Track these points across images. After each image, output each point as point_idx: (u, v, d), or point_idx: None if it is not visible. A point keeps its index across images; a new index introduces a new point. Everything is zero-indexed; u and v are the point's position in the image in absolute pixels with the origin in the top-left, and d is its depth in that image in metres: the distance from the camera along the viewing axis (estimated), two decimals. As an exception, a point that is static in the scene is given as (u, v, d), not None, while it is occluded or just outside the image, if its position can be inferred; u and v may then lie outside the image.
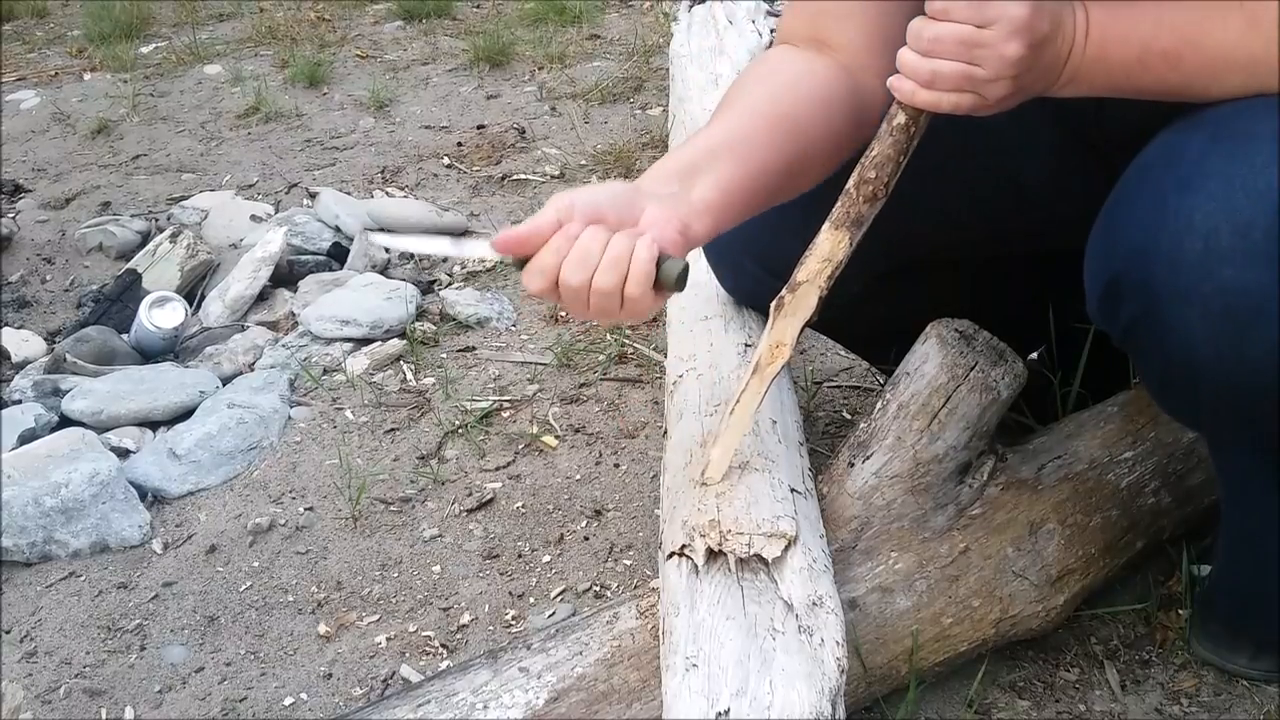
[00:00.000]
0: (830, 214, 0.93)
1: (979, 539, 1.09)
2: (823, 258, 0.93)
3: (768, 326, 0.96)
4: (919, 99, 0.87)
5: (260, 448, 1.65)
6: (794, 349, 0.97)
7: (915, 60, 0.86)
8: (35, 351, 2.03)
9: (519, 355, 1.87)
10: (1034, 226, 1.18)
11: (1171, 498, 1.19)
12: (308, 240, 2.27)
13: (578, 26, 3.68)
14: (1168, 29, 0.84)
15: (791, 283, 0.94)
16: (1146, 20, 0.85)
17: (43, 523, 1.44)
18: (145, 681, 1.26)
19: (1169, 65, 0.85)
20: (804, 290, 0.94)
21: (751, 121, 0.98)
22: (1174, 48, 0.84)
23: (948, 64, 0.85)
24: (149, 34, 4.02)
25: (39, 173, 2.81)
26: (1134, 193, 0.87)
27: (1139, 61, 0.85)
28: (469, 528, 1.47)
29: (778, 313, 0.95)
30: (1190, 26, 0.84)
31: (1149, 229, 0.83)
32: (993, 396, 1.06)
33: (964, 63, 0.84)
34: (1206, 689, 1.13)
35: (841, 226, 0.92)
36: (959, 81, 0.85)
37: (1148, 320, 0.84)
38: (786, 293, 0.95)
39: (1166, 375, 0.88)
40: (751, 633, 0.86)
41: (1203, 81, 0.85)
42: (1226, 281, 0.77)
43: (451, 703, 0.96)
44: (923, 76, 0.86)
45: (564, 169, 2.60)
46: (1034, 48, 0.84)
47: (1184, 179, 0.81)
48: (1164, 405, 0.94)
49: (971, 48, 0.83)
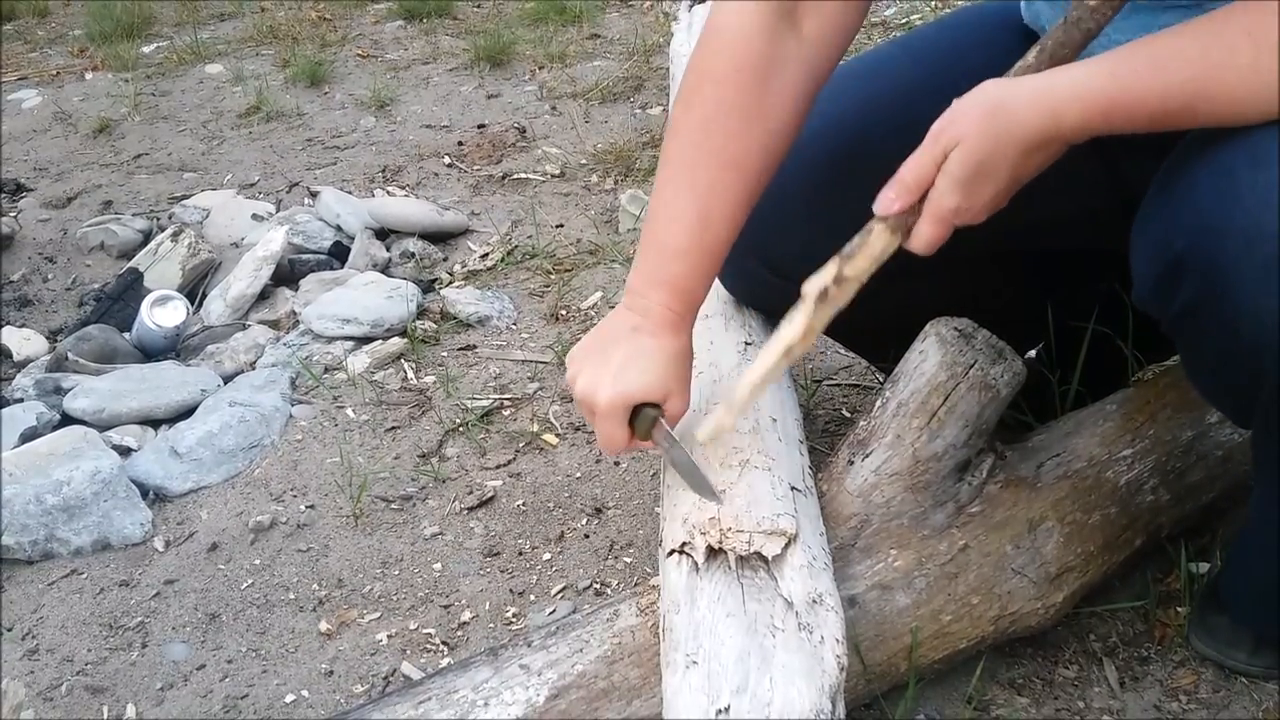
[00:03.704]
0: (888, 217, 0.92)
1: (978, 536, 1.09)
2: (873, 257, 0.92)
3: (804, 311, 0.94)
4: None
5: (261, 446, 1.65)
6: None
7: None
8: (37, 350, 2.03)
9: (520, 354, 1.87)
10: (1035, 226, 1.18)
11: (1170, 495, 1.19)
12: (309, 239, 2.28)
13: (578, 26, 3.68)
14: (1176, 90, 0.81)
15: (838, 274, 0.92)
16: (1154, 86, 0.81)
17: (44, 521, 1.45)
18: (147, 679, 1.26)
19: (1186, 118, 0.82)
20: (848, 285, 0.93)
21: (733, 197, 1.01)
22: (1187, 104, 0.81)
23: (930, 230, 0.90)
24: (150, 33, 4.02)
25: (41, 172, 2.82)
26: (1194, 168, 0.84)
27: (1153, 122, 0.83)
28: (470, 525, 1.47)
29: (820, 302, 0.93)
30: (1197, 80, 0.80)
31: (1219, 204, 0.80)
32: (992, 394, 1.06)
33: (935, 224, 0.89)
34: (1205, 686, 1.13)
35: (897, 231, 0.91)
36: (942, 228, 0.90)
37: (1212, 299, 0.81)
38: (833, 284, 0.93)
39: (1226, 361, 0.85)
40: (752, 630, 0.86)
41: (1229, 116, 0.81)
42: None
43: (452, 700, 0.97)
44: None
45: (564, 168, 2.61)
46: (974, 183, 0.86)
47: (1255, 154, 0.79)
48: (1213, 394, 0.91)
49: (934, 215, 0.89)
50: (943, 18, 1.31)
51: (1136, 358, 1.35)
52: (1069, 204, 1.10)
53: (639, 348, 1.00)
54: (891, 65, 1.23)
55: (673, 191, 1.01)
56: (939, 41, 1.25)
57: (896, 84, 1.19)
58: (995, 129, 0.85)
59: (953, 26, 1.27)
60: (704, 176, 1.00)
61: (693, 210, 1.00)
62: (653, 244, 1.03)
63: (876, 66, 1.24)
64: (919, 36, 1.28)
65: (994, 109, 0.85)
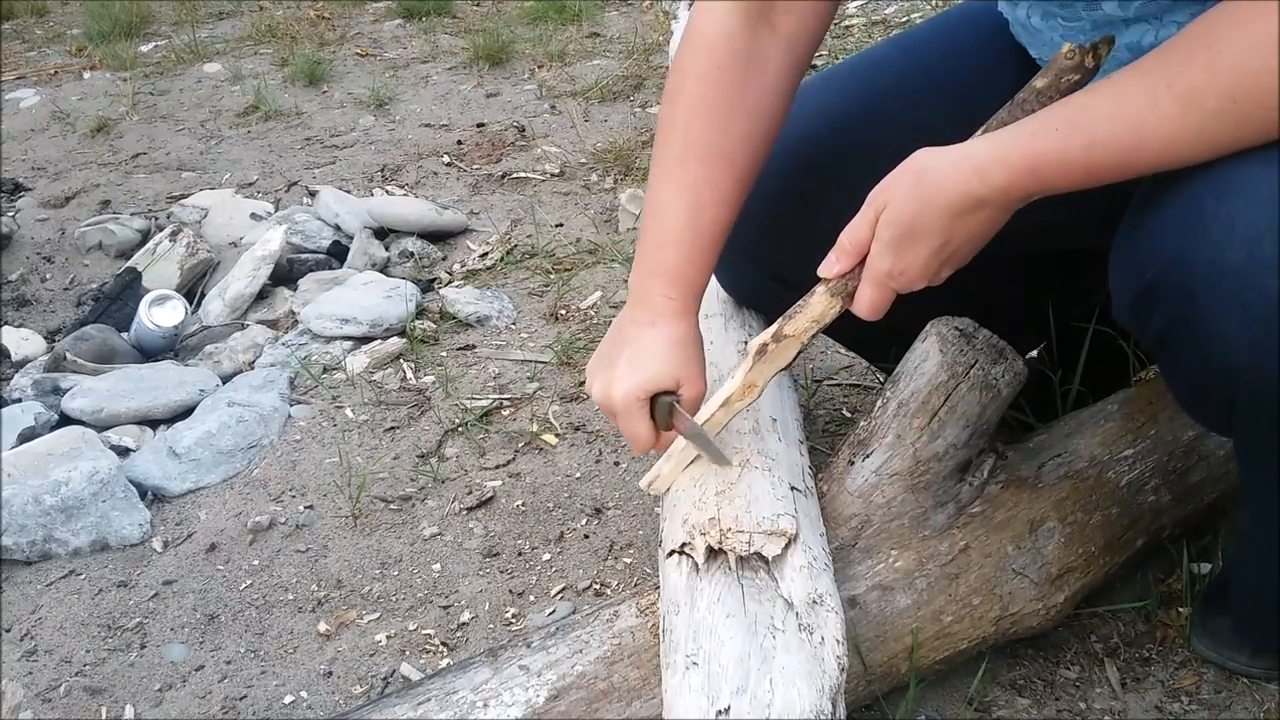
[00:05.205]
0: (830, 280, 0.96)
1: (979, 537, 1.09)
2: (813, 319, 0.97)
3: (744, 367, 1.01)
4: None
5: (260, 446, 1.65)
6: (764, 392, 1.02)
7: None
8: (35, 350, 2.03)
9: (519, 353, 1.87)
10: (1036, 227, 1.17)
11: (1171, 495, 1.19)
12: (307, 238, 2.27)
13: (577, 25, 3.68)
14: (1102, 145, 0.81)
15: (778, 333, 0.98)
16: (1075, 143, 0.82)
17: (43, 521, 1.44)
18: (145, 680, 1.26)
19: (1120, 173, 0.83)
20: (788, 343, 0.99)
21: (722, 188, 1.04)
22: (1120, 159, 0.82)
23: (869, 293, 0.93)
24: (149, 32, 4.02)
25: (39, 171, 2.81)
26: (1165, 197, 0.85)
27: (1092, 177, 0.84)
28: (469, 526, 1.47)
29: (758, 358, 0.99)
30: (1122, 136, 0.81)
31: (1186, 235, 0.81)
32: (993, 394, 1.06)
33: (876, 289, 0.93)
34: (1207, 686, 1.13)
35: (838, 295, 0.96)
36: (879, 290, 0.93)
37: (1184, 327, 0.83)
38: (771, 342, 0.99)
39: (1202, 384, 0.86)
40: (752, 631, 0.86)
41: (1166, 163, 0.82)
42: (1271, 291, 0.76)
43: (451, 701, 0.96)
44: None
45: (564, 167, 2.60)
46: (902, 245, 0.89)
47: (1220, 185, 0.80)
48: (1193, 411, 0.93)
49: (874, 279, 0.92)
50: (936, 17, 1.31)
51: (1138, 357, 1.35)
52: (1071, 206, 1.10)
53: (644, 341, 1.03)
54: (888, 65, 1.23)
55: (663, 187, 1.04)
56: (933, 42, 1.25)
57: (893, 84, 1.19)
58: (919, 193, 0.88)
59: (946, 27, 1.27)
60: (692, 170, 1.02)
61: (684, 202, 1.03)
62: (649, 239, 1.06)
63: (873, 66, 1.24)
64: (913, 37, 1.28)
65: (919, 174, 0.89)
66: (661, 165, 1.05)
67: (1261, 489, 0.98)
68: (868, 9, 3.38)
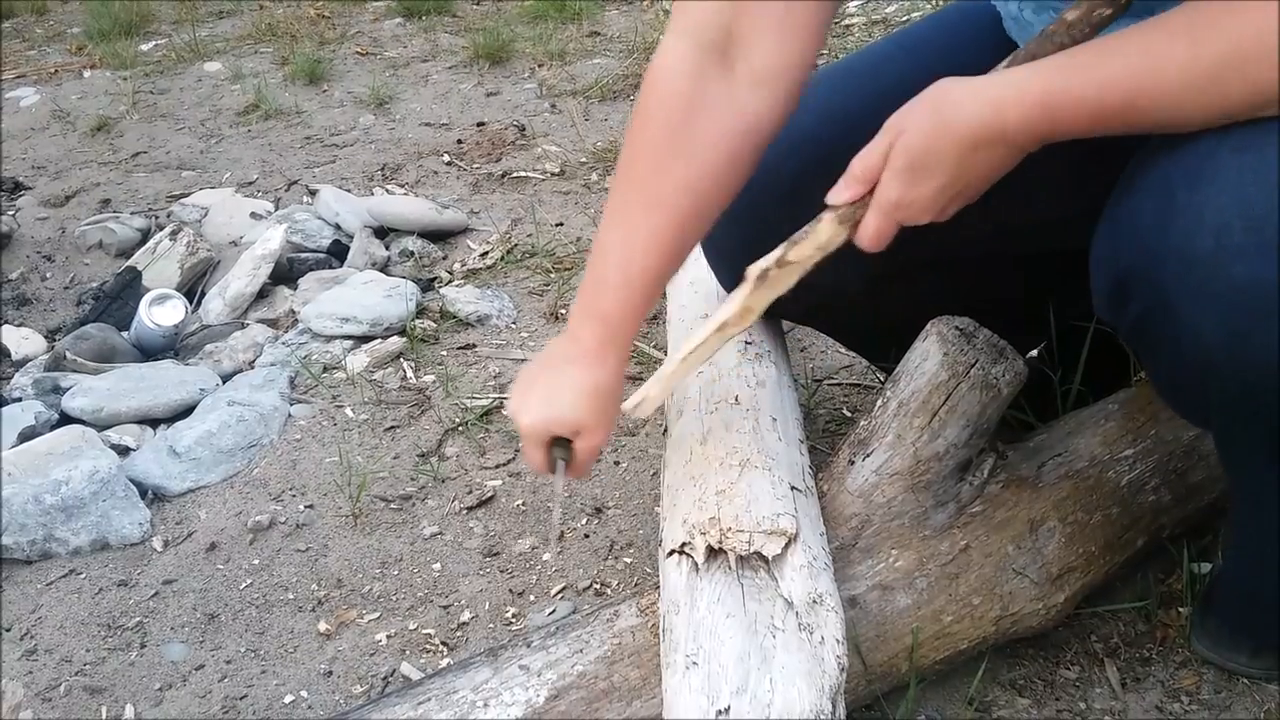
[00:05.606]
0: (838, 207, 0.93)
1: (979, 537, 1.09)
2: (818, 245, 0.94)
3: (742, 291, 0.98)
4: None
5: (260, 445, 1.65)
6: (757, 317, 1.00)
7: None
8: (35, 349, 2.03)
9: (519, 352, 1.87)
10: (1034, 225, 1.17)
11: (1172, 495, 1.19)
12: (308, 238, 2.27)
13: (578, 23, 3.68)
14: (1113, 86, 0.82)
15: (781, 258, 0.96)
16: (1092, 81, 0.82)
17: (43, 520, 1.44)
18: (145, 679, 1.26)
19: (1128, 118, 0.83)
20: (790, 269, 0.96)
21: (660, 237, 1.02)
22: (1127, 101, 0.82)
23: (874, 221, 0.92)
24: (149, 31, 4.02)
25: (39, 170, 2.81)
26: (1139, 188, 0.86)
27: (1097, 120, 0.84)
28: (469, 525, 1.47)
29: (760, 283, 0.97)
30: (1134, 76, 0.81)
31: (1157, 225, 0.82)
32: (993, 394, 1.06)
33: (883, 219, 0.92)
34: (1207, 687, 1.13)
35: (845, 223, 0.93)
36: (885, 220, 0.91)
37: (1157, 317, 0.84)
38: (775, 266, 0.96)
39: (1176, 372, 0.87)
40: (752, 630, 0.86)
41: (1170, 115, 0.82)
42: (1239, 278, 0.77)
43: (452, 700, 0.96)
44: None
45: (564, 166, 2.60)
46: (914, 174, 0.88)
47: (1192, 173, 0.81)
48: (1172, 402, 0.94)
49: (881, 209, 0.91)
50: (935, 15, 1.31)
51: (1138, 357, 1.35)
52: (1069, 204, 1.10)
53: (562, 379, 1.03)
54: (887, 63, 1.23)
55: (606, 228, 1.04)
56: (932, 39, 1.25)
57: (892, 82, 1.19)
58: (936, 121, 0.87)
59: (945, 24, 1.27)
60: (630, 215, 1.01)
61: (620, 246, 1.02)
62: (588, 278, 1.06)
63: (872, 64, 1.24)
64: (912, 35, 1.28)
65: (938, 102, 0.87)
66: (610, 203, 1.04)
67: (1241, 479, 0.99)
68: (868, 8, 3.38)
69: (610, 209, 1.04)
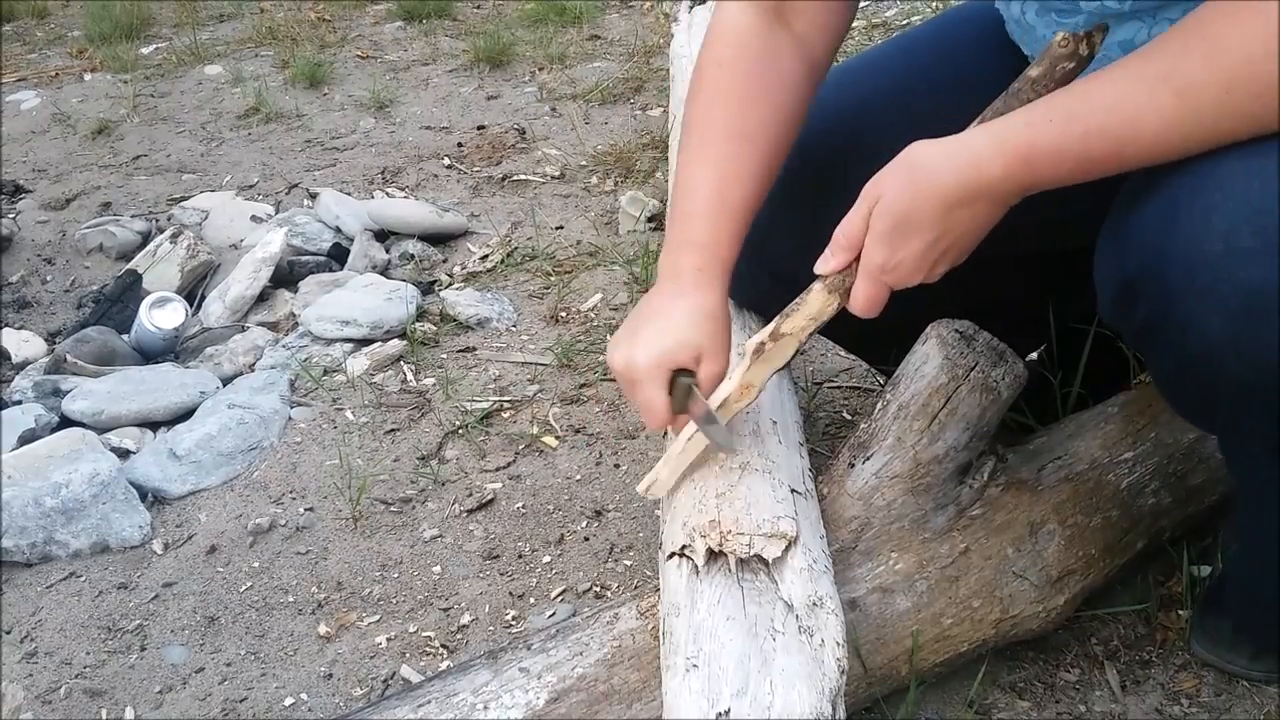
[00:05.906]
0: (826, 276, 0.95)
1: (979, 539, 1.09)
2: (810, 316, 0.97)
3: (741, 367, 1.00)
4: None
5: (260, 448, 1.65)
6: (762, 392, 1.02)
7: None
8: (36, 352, 2.03)
9: (519, 356, 1.87)
10: (1036, 226, 1.17)
11: (1172, 498, 1.19)
12: (308, 241, 2.27)
13: (578, 27, 3.68)
14: (1096, 135, 0.82)
15: (775, 332, 0.98)
16: (1071, 134, 0.82)
17: (43, 523, 1.44)
18: (145, 682, 1.26)
19: (1117, 164, 0.83)
20: (786, 342, 0.98)
21: (747, 165, 1.06)
22: (1112, 150, 0.82)
23: (864, 287, 0.93)
24: (149, 34, 4.02)
25: (39, 173, 2.81)
26: (1144, 192, 0.86)
27: (1084, 170, 0.84)
28: (469, 528, 1.47)
29: (756, 358, 0.99)
30: (1115, 127, 0.81)
31: (1164, 230, 0.82)
32: (993, 397, 1.06)
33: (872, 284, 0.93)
34: (1207, 689, 1.13)
35: (835, 292, 0.95)
36: (874, 286, 0.93)
37: (1164, 320, 0.83)
38: (769, 341, 0.98)
39: (1183, 375, 0.87)
40: (752, 633, 0.86)
41: (1160, 155, 0.82)
42: (1246, 282, 0.77)
43: (452, 703, 0.96)
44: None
45: (564, 170, 2.60)
46: (896, 237, 0.89)
47: (1199, 179, 0.80)
48: (1178, 405, 0.93)
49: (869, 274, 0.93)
50: (935, 18, 1.32)
51: (1138, 360, 1.35)
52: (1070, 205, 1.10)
53: (672, 311, 1.02)
54: (887, 65, 1.23)
55: (689, 168, 1.06)
56: (933, 42, 1.25)
57: (892, 83, 1.20)
58: (913, 184, 0.88)
59: (945, 27, 1.27)
60: (716, 148, 1.05)
61: (710, 177, 1.05)
62: (677, 215, 1.07)
63: (872, 66, 1.25)
64: (912, 37, 1.29)
65: (913, 166, 0.89)
66: (686, 150, 1.07)
67: (1248, 481, 0.99)
68: (868, 12, 3.38)
69: (688, 153, 1.07)
